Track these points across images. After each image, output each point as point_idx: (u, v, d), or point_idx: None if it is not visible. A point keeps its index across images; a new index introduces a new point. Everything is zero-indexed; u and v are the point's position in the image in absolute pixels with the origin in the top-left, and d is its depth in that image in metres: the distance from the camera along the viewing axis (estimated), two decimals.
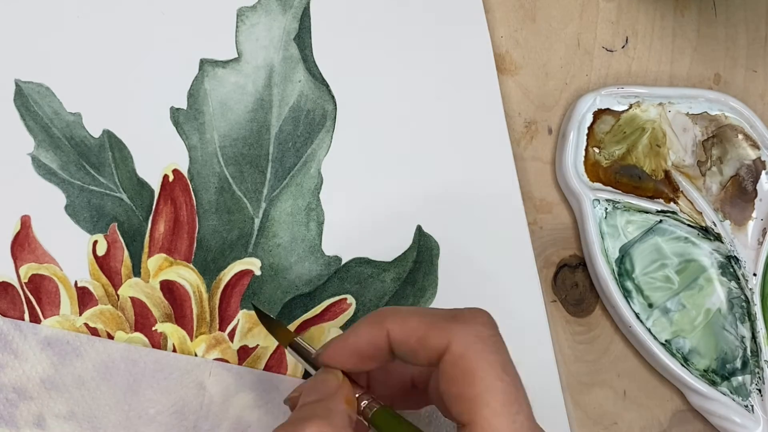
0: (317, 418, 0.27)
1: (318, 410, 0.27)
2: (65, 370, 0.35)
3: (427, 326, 0.28)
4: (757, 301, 0.38)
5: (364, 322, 0.29)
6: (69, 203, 0.36)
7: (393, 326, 0.28)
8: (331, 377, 0.29)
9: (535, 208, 0.39)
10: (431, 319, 0.28)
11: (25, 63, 0.37)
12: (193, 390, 0.36)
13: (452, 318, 0.27)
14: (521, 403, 0.26)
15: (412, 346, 0.28)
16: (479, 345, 0.27)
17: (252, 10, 0.38)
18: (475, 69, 0.39)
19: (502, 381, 0.26)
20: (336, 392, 0.29)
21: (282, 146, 0.37)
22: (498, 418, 0.26)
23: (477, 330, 0.27)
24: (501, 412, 0.26)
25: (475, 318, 0.28)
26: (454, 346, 0.27)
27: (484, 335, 0.27)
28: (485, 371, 0.26)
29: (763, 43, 0.42)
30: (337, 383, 0.29)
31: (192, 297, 0.36)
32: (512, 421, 0.26)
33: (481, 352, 0.26)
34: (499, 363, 0.26)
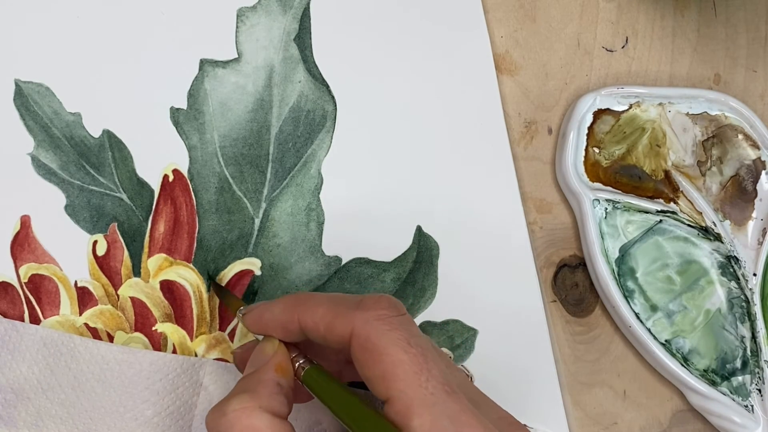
0: (242, 392, 0.28)
1: (246, 384, 0.29)
2: (60, 372, 0.35)
3: (333, 314, 0.28)
4: (757, 301, 0.38)
5: (280, 304, 0.31)
6: (69, 203, 0.36)
7: (302, 314, 0.29)
8: (267, 346, 0.31)
9: (535, 208, 0.39)
10: (337, 308, 0.29)
11: (25, 63, 0.37)
12: (192, 390, 0.36)
13: (356, 305, 0.28)
14: (431, 370, 0.26)
15: (320, 333, 0.29)
16: (381, 326, 0.27)
17: (252, 11, 0.38)
18: (475, 69, 0.39)
19: (407, 353, 0.27)
20: (268, 361, 0.30)
21: (282, 146, 0.37)
22: (410, 388, 0.26)
23: (378, 314, 0.28)
24: (412, 382, 0.26)
25: (377, 303, 0.28)
26: (358, 331, 0.27)
27: (385, 317, 0.28)
28: (390, 348, 0.27)
29: (763, 43, 0.42)
30: (272, 351, 0.30)
31: (192, 297, 0.36)
32: (424, 388, 0.26)
33: (383, 332, 0.27)
34: (403, 338, 0.27)
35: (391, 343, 0.27)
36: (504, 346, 0.38)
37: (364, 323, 0.28)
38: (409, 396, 0.26)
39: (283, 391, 0.29)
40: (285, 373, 0.29)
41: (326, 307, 0.29)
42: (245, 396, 0.27)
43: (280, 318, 0.30)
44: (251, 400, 0.27)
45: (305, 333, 0.30)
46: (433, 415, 0.26)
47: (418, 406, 0.26)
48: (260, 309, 0.31)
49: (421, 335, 0.28)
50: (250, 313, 0.32)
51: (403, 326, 0.28)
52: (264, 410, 0.27)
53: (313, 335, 0.29)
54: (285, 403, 0.28)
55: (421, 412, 0.26)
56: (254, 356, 0.31)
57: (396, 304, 0.29)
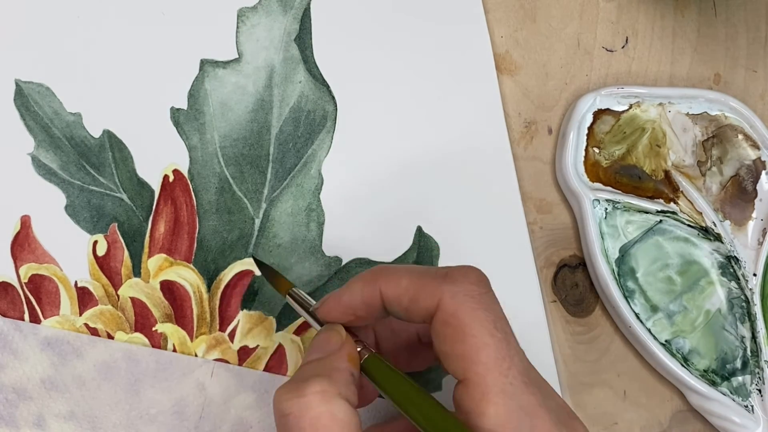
0: (320, 376, 0.27)
1: (320, 368, 0.28)
2: (65, 370, 0.35)
3: (418, 286, 0.28)
4: (757, 301, 0.38)
5: (359, 280, 0.30)
6: (69, 203, 0.36)
7: (385, 286, 0.29)
8: (334, 334, 0.30)
9: (535, 208, 0.39)
10: (422, 279, 0.28)
11: (25, 63, 0.37)
12: (194, 390, 0.36)
13: (443, 277, 0.28)
14: (513, 359, 0.26)
15: (404, 305, 0.28)
16: (469, 303, 0.27)
17: (253, 11, 0.38)
18: (475, 69, 0.39)
19: (493, 337, 0.26)
20: (339, 349, 0.29)
21: (282, 147, 0.37)
22: (490, 374, 0.26)
23: (467, 288, 0.27)
24: (493, 368, 0.26)
25: (465, 276, 0.28)
26: (445, 305, 0.27)
27: (474, 293, 0.27)
28: (476, 328, 0.26)
29: (763, 43, 0.42)
30: (340, 340, 0.29)
31: (192, 297, 0.36)
32: (504, 376, 0.26)
33: (471, 309, 0.27)
34: (491, 320, 0.27)
35: (477, 323, 0.26)
36: None
37: (451, 297, 0.27)
38: (488, 382, 0.26)
39: (355, 381, 0.28)
40: (356, 363, 0.29)
41: (410, 279, 0.28)
42: (324, 380, 0.26)
43: (362, 293, 0.29)
44: (330, 385, 0.26)
45: (387, 306, 0.29)
46: (509, 406, 0.25)
47: (496, 394, 0.25)
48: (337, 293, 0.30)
49: (504, 318, 0.27)
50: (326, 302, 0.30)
51: (490, 306, 0.27)
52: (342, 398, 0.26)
53: (396, 308, 0.29)
54: (356, 394, 0.28)
55: (497, 400, 0.25)
56: (318, 343, 0.29)
57: (483, 279, 0.28)
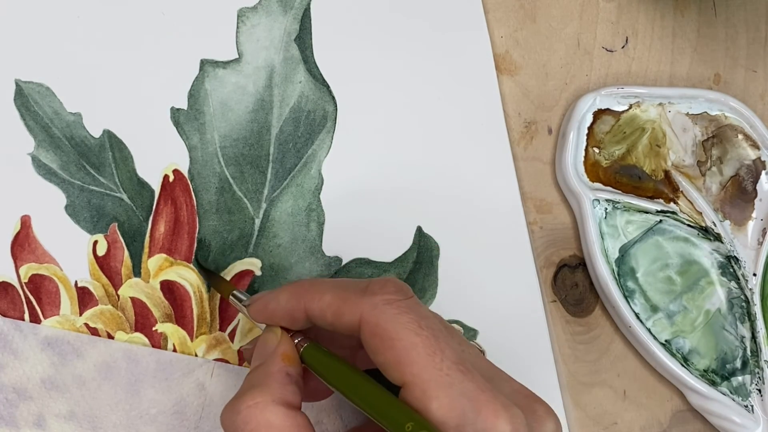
0: (253, 387, 0.27)
1: (255, 379, 0.28)
2: (66, 370, 0.35)
3: (340, 301, 0.28)
4: (757, 301, 0.38)
5: (285, 291, 0.30)
6: (69, 203, 0.36)
7: (309, 302, 0.29)
8: (270, 336, 0.30)
9: (534, 208, 0.39)
10: (343, 294, 0.28)
11: (25, 63, 0.37)
12: (194, 390, 0.36)
13: (362, 291, 0.28)
14: (444, 351, 0.26)
15: (329, 320, 0.29)
16: (390, 310, 0.27)
17: (253, 11, 0.38)
18: (475, 69, 0.39)
19: (419, 336, 0.26)
20: (273, 351, 0.29)
21: (282, 147, 0.37)
22: (426, 371, 0.26)
23: (385, 298, 0.27)
24: (426, 365, 0.26)
25: (383, 288, 0.28)
26: (367, 317, 0.27)
27: (392, 300, 0.27)
28: (401, 332, 0.26)
29: (763, 43, 0.42)
30: (276, 341, 0.30)
31: (192, 297, 0.36)
32: (439, 369, 0.26)
33: (392, 316, 0.27)
34: (413, 320, 0.27)
35: (401, 327, 0.27)
36: (504, 346, 0.38)
37: (372, 308, 0.27)
38: (424, 379, 0.26)
39: (293, 380, 0.28)
40: (292, 361, 0.29)
41: (333, 294, 0.29)
42: (256, 391, 0.27)
43: (286, 307, 0.30)
44: (262, 394, 0.27)
45: (312, 320, 0.29)
46: (451, 396, 0.25)
47: (435, 389, 0.26)
48: (265, 298, 0.31)
49: (430, 316, 0.28)
50: (254, 304, 0.31)
51: (411, 308, 0.27)
52: (277, 403, 0.27)
53: (321, 323, 0.29)
54: (297, 392, 0.28)
55: (438, 394, 0.25)
56: (258, 348, 0.30)
57: (402, 287, 0.28)
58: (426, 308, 0.28)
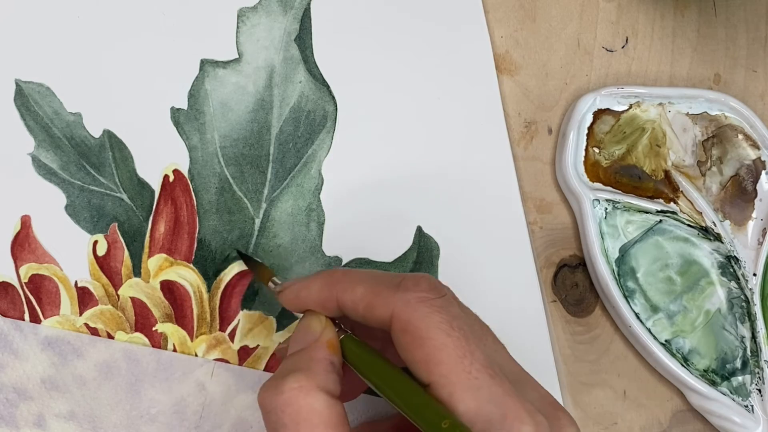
0: (297, 371, 0.27)
1: (299, 362, 0.28)
2: (66, 370, 0.35)
3: (373, 294, 0.28)
4: (757, 301, 0.38)
5: (318, 280, 0.30)
6: (69, 203, 0.36)
7: (341, 293, 0.29)
8: (314, 322, 0.30)
9: (535, 208, 0.39)
10: (376, 288, 0.28)
11: (25, 63, 0.37)
12: (194, 390, 0.36)
13: (396, 286, 0.28)
14: (474, 353, 0.26)
15: (360, 313, 0.28)
16: (422, 308, 0.27)
17: (253, 11, 0.38)
18: (475, 69, 0.39)
19: (450, 337, 0.26)
20: (318, 338, 0.29)
21: (282, 147, 0.37)
22: (454, 373, 0.26)
23: (419, 296, 0.27)
24: (455, 367, 0.26)
25: (417, 284, 0.28)
26: (399, 314, 0.27)
27: (426, 299, 0.27)
28: (432, 332, 0.26)
29: (763, 43, 0.42)
30: (320, 327, 0.29)
31: (192, 297, 0.36)
32: (468, 372, 0.26)
33: (425, 314, 0.27)
34: (446, 320, 0.27)
35: (433, 327, 0.26)
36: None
37: (404, 305, 0.27)
38: (452, 381, 0.26)
39: (335, 369, 0.28)
40: (336, 350, 0.29)
41: (365, 287, 0.28)
42: (300, 375, 0.27)
43: (318, 296, 0.29)
44: (307, 379, 0.27)
45: (344, 311, 0.29)
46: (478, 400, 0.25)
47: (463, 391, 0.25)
48: (297, 286, 0.31)
49: (462, 316, 0.27)
50: (286, 291, 0.31)
51: (444, 308, 0.27)
52: (321, 390, 0.26)
53: (353, 315, 0.29)
54: (338, 382, 0.28)
55: (465, 397, 0.25)
56: (299, 333, 0.30)
57: (437, 285, 0.28)
58: (459, 307, 0.28)
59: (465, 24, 0.39)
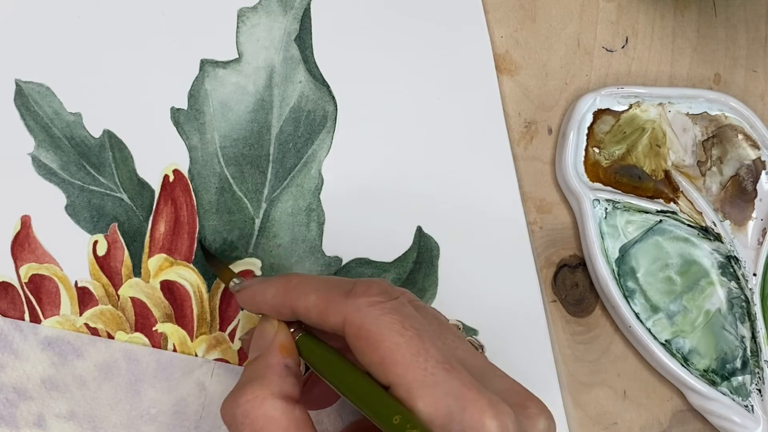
0: (252, 380, 0.27)
1: (254, 370, 0.28)
2: (66, 370, 0.35)
3: (325, 302, 0.28)
4: (757, 301, 0.38)
5: (272, 285, 0.30)
6: (69, 203, 0.36)
7: (295, 301, 0.29)
8: (267, 326, 0.30)
9: (535, 208, 0.39)
10: (328, 295, 0.28)
11: (25, 63, 0.37)
12: (194, 390, 0.36)
13: (347, 293, 0.28)
14: (429, 350, 0.26)
15: (314, 320, 0.28)
16: (373, 312, 0.27)
17: (253, 11, 0.38)
18: (475, 69, 0.39)
19: (403, 336, 0.26)
20: (271, 342, 0.29)
21: (283, 147, 0.37)
22: (410, 372, 0.26)
23: (369, 300, 0.27)
24: (410, 365, 0.26)
25: (368, 290, 0.28)
26: (350, 319, 0.27)
27: (376, 302, 0.27)
28: (384, 333, 0.26)
29: (763, 43, 0.42)
30: (273, 331, 0.30)
31: (192, 297, 0.36)
32: (423, 369, 0.26)
33: (376, 317, 0.27)
34: (397, 321, 0.27)
35: (385, 329, 0.26)
36: (504, 346, 0.38)
37: (355, 310, 0.27)
38: (409, 379, 0.26)
39: (291, 371, 0.28)
40: (290, 352, 0.29)
41: (317, 294, 0.28)
42: (255, 384, 0.27)
43: (273, 302, 0.30)
44: (261, 387, 0.27)
45: (298, 317, 0.29)
46: (435, 396, 0.25)
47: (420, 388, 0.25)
48: (253, 289, 0.31)
49: (415, 316, 0.28)
50: (242, 291, 0.31)
51: (395, 310, 0.27)
52: (276, 397, 0.27)
53: (307, 322, 0.29)
54: (295, 384, 0.28)
55: (422, 393, 0.25)
56: (256, 339, 0.30)
57: (387, 289, 0.28)
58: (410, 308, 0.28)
59: (465, 24, 0.39)
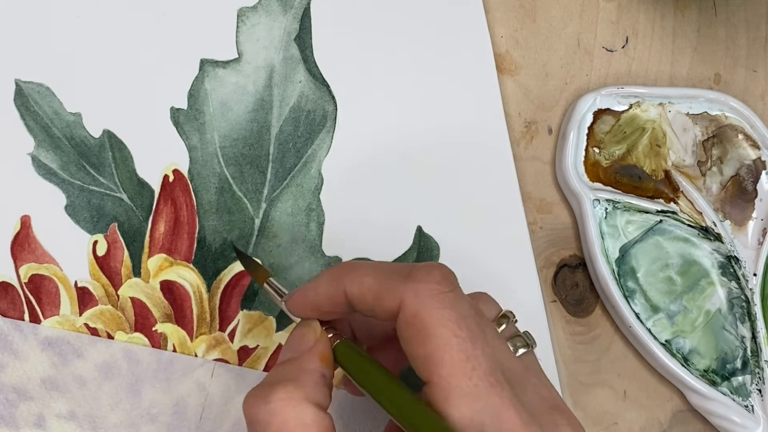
0: (286, 381, 0.26)
1: (289, 372, 0.27)
2: (66, 370, 0.35)
3: (381, 284, 0.27)
4: (757, 301, 0.38)
5: (325, 276, 0.29)
6: (69, 203, 0.36)
7: (349, 284, 0.28)
8: (308, 332, 0.29)
9: (535, 208, 0.39)
10: (386, 277, 0.27)
11: (25, 63, 0.37)
12: (195, 390, 0.36)
13: (406, 276, 0.27)
14: (478, 359, 0.25)
15: (368, 304, 0.27)
16: (432, 302, 0.26)
17: (252, 11, 0.38)
18: (475, 69, 0.39)
19: (456, 337, 0.25)
20: (310, 349, 0.28)
21: (282, 147, 0.37)
22: (454, 376, 0.25)
23: (430, 287, 0.26)
24: (456, 370, 0.25)
25: (429, 275, 0.27)
26: (407, 305, 0.26)
27: (437, 291, 0.26)
28: (438, 329, 0.25)
29: (763, 43, 0.42)
30: (314, 338, 0.29)
31: (192, 297, 0.36)
32: (468, 378, 0.25)
33: (433, 309, 0.26)
34: (454, 319, 0.26)
35: (440, 324, 0.26)
36: None
37: (414, 296, 0.26)
38: (451, 384, 0.25)
39: (326, 382, 0.27)
40: (328, 363, 0.28)
41: (374, 277, 0.27)
42: (290, 385, 0.26)
43: (327, 291, 0.29)
44: (297, 390, 0.26)
45: (352, 304, 0.28)
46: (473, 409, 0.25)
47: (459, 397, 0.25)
48: (304, 289, 0.30)
49: (471, 315, 0.26)
50: (293, 296, 0.30)
51: (454, 304, 0.26)
52: (309, 402, 0.26)
53: (360, 306, 0.28)
54: (328, 396, 0.27)
55: (460, 403, 0.25)
56: (292, 342, 0.29)
57: (449, 276, 0.27)
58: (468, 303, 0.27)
59: (465, 24, 0.39)
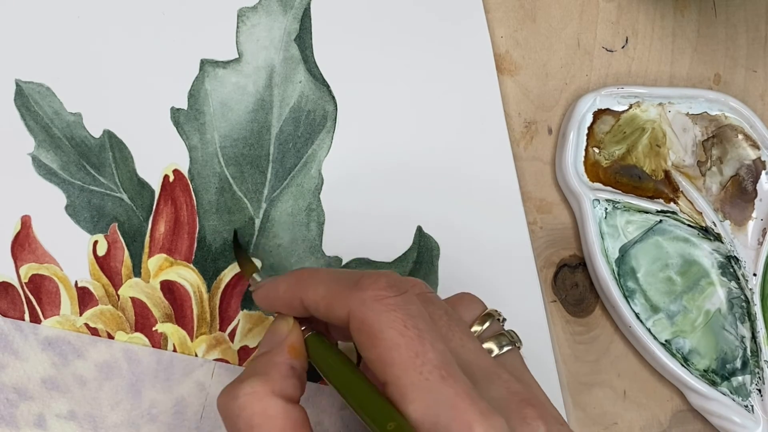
0: (255, 375, 0.27)
1: (260, 366, 0.28)
2: (66, 370, 0.35)
3: (332, 294, 0.28)
4: (757, 301, 0.38)
5: (284, 280, 0.30)
6: (69, 203, 0.36)
7: (304, 293, 0.29)
8: (281, 325, 0.30)
9: (535, 208, 0.39)
10: (336, 287, 0.28)
11: (25, 63, 0.37)
12: (195, 390, 0.36)
13: (353, 285, 0.27)
14: (427, 354, 0.26)
15: (322, 312, 0.28)
16: (378, 307, 0.26)
17: (253, 11, 0.38)
18: (475, 69, 0.39)
19: (403, 336, 0.26)
20: (282, 341, 0.29)
21: (282, 147, 0.37)
22: (405, 373, 0.25)
23: (375, 294, 0.27)
24: (407, 367, 0.25)
25: (375, 283, 0.27)
26: (354, 313, 0.27)
27: (381, 297, 0.27)
28: (386, 331, 0.26)
29: (763, 43, 0.42)
30: (286, 330, 0.30)
31: (192, 297, 0.36)
32: (419, 373, 0.25)
33: (378, 313, 0.26)
34: (400, 320, 0.26)
35: (387, 326, 0.26)
36: None
37: (360, 304, 0.27)
38: (404, 382, 0.25)
39: (296, 373, 0.28)
40: (298, 354, 0.29)
41: (326, 286, 0.28)
42: (257, 380, 0.27)
43: (284, 296, 0.30)
44: (263, 384, 0.27)
45: (309, 311, 0.29)
46: (427, 402, 0.25)
47: (413, 392, 0.25)
48: (267, 287, 0.31)
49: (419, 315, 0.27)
50: (257, 291, 0.32)
51: (400, 307, 0.27)
52: (276, 395, 0.27)
53: (316, 314, 0.29)
54: (298, 387, 0.28)
55: (414, 398, 0.25)
56: (268, 335, 0.30)
57: (396, 283, 0.28)
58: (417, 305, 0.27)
59: (465, 23, 0.39)
